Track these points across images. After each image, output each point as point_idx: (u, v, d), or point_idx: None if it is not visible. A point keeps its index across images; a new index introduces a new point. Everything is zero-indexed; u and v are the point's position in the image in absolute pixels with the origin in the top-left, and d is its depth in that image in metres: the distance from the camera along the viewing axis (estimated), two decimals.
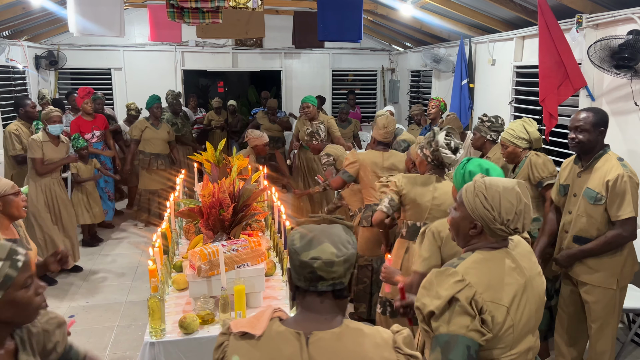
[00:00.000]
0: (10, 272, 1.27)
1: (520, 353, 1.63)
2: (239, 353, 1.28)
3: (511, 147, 3.37)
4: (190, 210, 2.90)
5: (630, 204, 2.67)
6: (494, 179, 1.67)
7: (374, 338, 1.29)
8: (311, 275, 1.28)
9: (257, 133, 4.68)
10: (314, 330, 1.27)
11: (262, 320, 1.32)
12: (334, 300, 1.32)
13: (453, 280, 1.56)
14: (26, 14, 6.12)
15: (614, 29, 3.95)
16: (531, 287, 1.65)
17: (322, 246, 1.29)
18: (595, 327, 2.88)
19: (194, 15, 3.63)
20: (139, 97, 6.76)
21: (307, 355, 1.25)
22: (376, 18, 7.57)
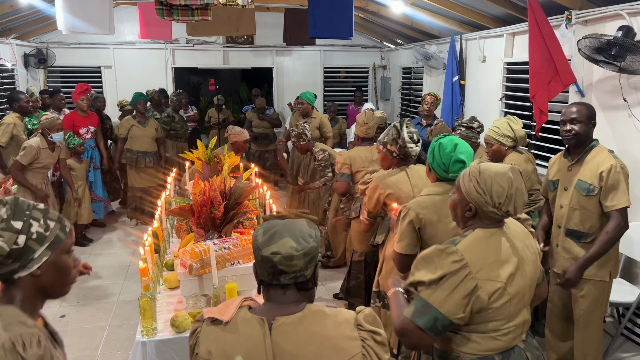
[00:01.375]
0: (60, 234, 1.30)
1: (517, 325, 1.76)
2: (209, 338, 1.35)
3: (496, 145, 3.40)
4: (181, 209, 2.89)
5: (625, 193, 2.71)
6: (488, 164, 1.76)
7: (335, 318, 1.34)
8: (272, 270, 1.33)
9: (237, 129, 4.64)
10: (277, 315, 1.33)
11: (231, 307, 1.38)
12: (298, 292, 1.37)
13: (451, 260, 1.65)
14: (14, 12, 6.06)
15: (602, 25, 3.98)
16: (526, 265, 1.76)
17: (282, 240, 1.33)
18: (582, 321, 2.91)
19: (183, 13, 3.61)
20: (130, 96, 6.72)
21: (270, 340, 1.30)
22: (367, 15, 7.57)
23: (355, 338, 1.32)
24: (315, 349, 1.29)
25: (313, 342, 1.30)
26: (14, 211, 1.24)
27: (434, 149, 2.33)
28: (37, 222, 1.26)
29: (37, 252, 1.25)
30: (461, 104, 6.19)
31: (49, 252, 1.27)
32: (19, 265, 1.24)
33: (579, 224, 2.85)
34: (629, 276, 3.82)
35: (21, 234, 1.22)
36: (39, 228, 1.25)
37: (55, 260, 1.29)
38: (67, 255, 1.33)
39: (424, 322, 1.63)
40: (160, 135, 6.41)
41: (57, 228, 1.30)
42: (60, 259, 1.30)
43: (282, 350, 1.29)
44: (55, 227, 1.29)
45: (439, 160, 2.31)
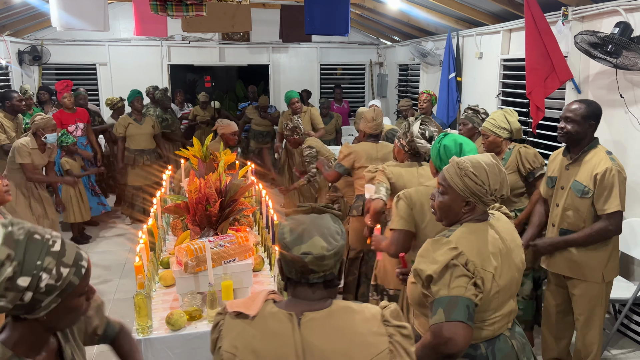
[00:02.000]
0: (74, 280, 1.19)
1: (504, 315, 1.81)
2: (234, 332, 1.33)
3: (492, 137, 3.38)
4: (177, 206, 2.88)
5: (617, 198, 2.67)
6: (472, 158, 1.82)
7: (363, 314, 1.35)
8: (303, 269, 1.32)
9: (225, 122, 4.63)
10: (306, 311, 1.32)
11: (256, 301, 1.36)
12: (325, 289, 1.37)
13: (447, 248, 1.71)
14: (8, 9, 6.01)
15: (599, 22, 3.97)
16: (512, 256, 1.82)
17: (312, 240, 1.32)
18: (581, 320, 2.90)
19: (177, 8, 3.58)
20: (125, 93, 6.67)
21: (300, 335, 1.29)
22: (363, 12, 7.55)
23: (383, 334, 1.33)
24: (345, 345, 1.29)
25: (342, 338, 1.30)
26: (22, 265, 1.12)
27: (439, 152, 2.32)
28: (48, 275, 1.14)
29: (45, 302, 1.16)
30: (458, 100, 6.18)
31: (58, 299, 1.18)
32: (25, 311, 1.16)
33: (573, 224, 2.83)
34: (625, 273, 3.83)
35: (27, 291, 1.12)
36: (49, 280, 1.14)
37: (65, 304, 1.20)
38: (79, 297, 1.23)
39: (462, 315, 1.64)
40: (157, 131, 6.37)
41: (72, 273, 1.19)
42: (71, 303, 1.21)
43: (312, 345, 1.29)
44: (69, 274, 1.18)
45: (446, 162, 2.23)
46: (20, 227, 1.16)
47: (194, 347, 2.28)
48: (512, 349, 1.84)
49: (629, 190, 3.65)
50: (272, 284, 2.72)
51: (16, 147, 4.53)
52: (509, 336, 1.85)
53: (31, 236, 1.16)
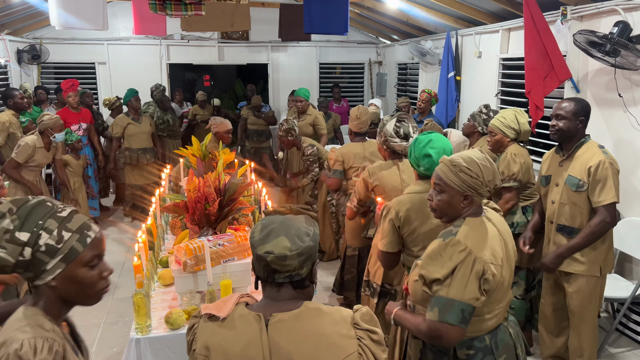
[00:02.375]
0: (77, 246, 1.23)
1: (503, 306, 1.89)
2: (206, 334, 1.35)
3: (499, 136, 3.35)
4: (176, 205, 2.88)
5: (613, 189, 2.71)
6: (463, 155, 1.88)
7: (332, 316, 1.35)
8: (266, 268, 1.34)
9: (219, 119, 4.62)
10: (274, 312, 1.33)
11: (228, 303, 1.38)
12: (294, 290, 1.37)
13: (458, 250, 1.74)
14: (6, 8, 6.01)
15: (598, 21, 3.97)
16: (508, 247, 1.89)
17: (277, 240, 1.33)
18: (576, 316, 2.91)
19: (176, 7, 3.58)
20: (124, 92, 6.65)
21: (267, 337, 1.30)
22: (363, 11, 7.55)
23: (352, 337, 1.33)
24: (312, 346, 1.29)
25: (309, 340, 1.30)
26: (24, 222, 1.19)
27: (412, 145, 2.41)
28: (49, 234, 1.20)
29: (49, 265, 1.20)
30: (457, 99, 6.19)
31: (62, 264, 1.21)
32: (33, 274, 1.21)
33: (569, 219, 2.86)
34: (623, 271, 3.84)
35: (27, 247, 1.18)
36: (49, 240, 1.20)
37: (71, 273, 1.23)
38: (85, 268, 1.25)
39: (454, 318, 1.71)
40: (154, 130, 6.38)
41: (74, 239, 1.23)
42: (76, 272, 1.24)
43: (279, 346, 1.29)
44: (72, 239, 1.22)
45: (413, 156, 2.39)
46: (40, 197, 1.25)
47: None
48: (510, 337, 1.93)
49: (628, 189, 3.67)
50: None
51: (21, 143, 4.55)
52: (507, 325, 1.94)
53: (42, 202, 1.23)
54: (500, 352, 1.88)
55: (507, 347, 1.90)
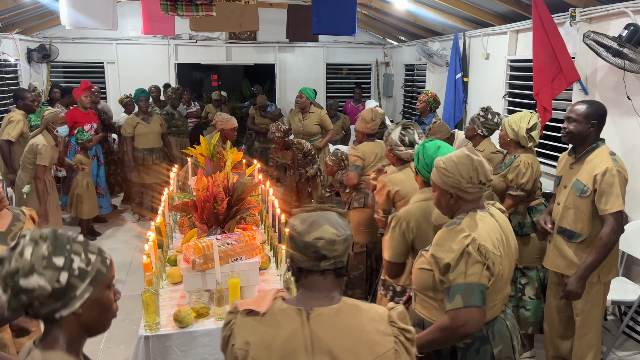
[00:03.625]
0: (102, 268, 1.23)
1: (501, 299, 1.99)
2: (246, 329, 1.38)
3: (502, 132, 3.41)
4: (185, 204, 2.90)
5: (619, 198, 2.66)
6: (446, 156, 2.00)
7: (370, 313, 1.40)
8: (315, 255, 1.39)
9: (225, 116, 4.60)
10: (315, 306, 1.37)
11: (266, 298, 1.42)
12: (335, 278, 1.43)
13: (462, 236, 1.84)
14: (17, 7, 6.06)
15: (607, 23, 3.96)
16: (510, 243, 1.98)
17: (322, 227, 1.40)
18: (579, 319, 2.90)
19: (187, 8, 3.60)
20: (132, 91, 6.71)
21: (308, 330, 1.34)
22: (370, 11, 7.55)
23: (389, 334, 1.37)
24: (352, 341, 1.33)
25: (350, 335, 1.34)
26: (55, 246, 1.16)
27: (419, 152, 2.42)
28: (79, 257, 1.18)
29: (79, 289, 1.17)
30: (464, 101, 6.18)
31: (90, 288, 1.20)
32: (61, 304, 1.16)
33: (572, 223, 2.84)
34: (631, 275, 3.82)
35: (63, 271, 1.14)
36: (80, 263, 1.18)
37: (97, 296, 1.22)
38: (108, 290, 1.26)
39: (478, 300, 1.79)
40: (165, 130, 6.41)
41: (99, 261, 1.23)
42: (102, 294, 1.23)
43: (320, 339, 1.33)
44: (97, 261, 1.22)
45: (423, 163, 2.39)
46: (44, 229, 1.20)
47: (201, 344, 2.31)
48: (507, 329, 2.01)
49: (637, 193, 3.66)
50: (279, 282, 2.74)
51: (37, 148, 4.53)
52: (504, 318, 2.03)
53: (55, 231, 1.20)
54: (496, 343, 1.96)
55: (503, 337, 1.98)
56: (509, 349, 2.00)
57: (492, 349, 1.95)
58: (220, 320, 2.36)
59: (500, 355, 1.97)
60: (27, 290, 1.12)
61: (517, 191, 3.25)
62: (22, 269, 1.12)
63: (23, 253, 1.13)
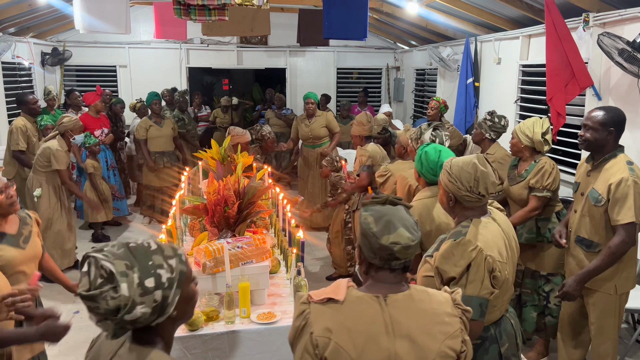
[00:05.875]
0: (182, 268, 1.27)
1: (506, 299, 2.06)
2: (324, 316, 1.43)
3: (515, 139, 3.38)
4: (195, 208, 2.91)
5: (632, 209, 2.59)
6: (456, 159, 2.06)
7: (437, 297, 1.51)
8: (389, 257, 1.45)
9: (239, 130, 4.62)
10: (388, 293, 1.46)
11: (341, 288, 1.48)
12: (403, 273, 1.51)
13: (469, 249, 1.87)
14: (32, 11, 6.14)
15: (621, 28, 3.93)
16: (512, 244, 2.05)
17: (398, 231, 1.45)
18: (594, 329, 2.85)
19: (200, 13, 3.62)
20: (144, 95, 6.77)
21: (388, 314, 1.42)
22: (381, 16, 7.56)
23: (455, 315, 1.49)
24: (427, 323, 1.44)
25: (424, 317, 1.44)
26: (142, 270, 1.19)
27: (421, 157, 2.57)
28: (163, 270, 1.22)
29: (171, 297, 1.22)
30: (475, 106, 6.15)
31: (179, 290, 1.24)
32: (159, 314, 1.22)
33: (589, 232, 2.78)
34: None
35: (157, 290, 1.19)
36: (167, 274, 1.22)
37: (185, 294, 1.27)
38: (191, 284, 1.30)
39: (475, 313, 1.82)
40: (177, 134, 6.45)
41: (179, 263, 1.26)
42: (188, 290, 1.28)
43: (399, 322, 1.42)
44: (177, 264, 1.25)
45: (427, 167, 2.55)
46: (112, 245, 1.23)
47: (211, 347, 2.31)
48: (512, 327, 2.11)
49: None
50: (289, 286, 2.73)
51: (52, 153, 4.59)
52: (509, 317, 2.12)
53: (127, 245, 1.22)
54: (503, 341, 2.04)
55: (509, 336, 2.08)
56: (513, 346, 2.10)
57: (499, 347, 2.03)
58: (230, 323, 2.36)
59: (507, 353, 2.05)
60: (132, 321, 1.18)
61: (544, 192, 3.22)
62: (123, 306, 1.15)
63: (118, 290, 1.15)
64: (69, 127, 4.74)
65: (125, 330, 1.22)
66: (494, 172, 2.04)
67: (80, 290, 1.18)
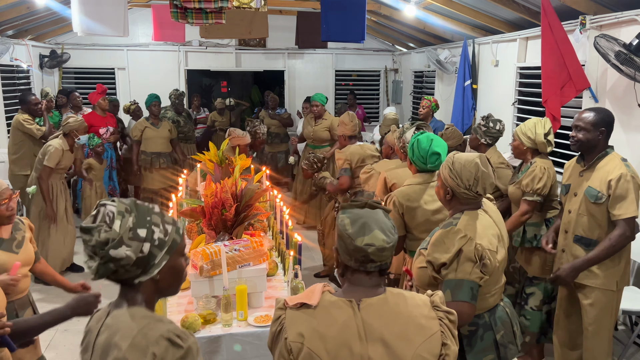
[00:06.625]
0: (176, 237, 1.33)
1: (500, 287, 2.14)
2: (298, 322, 1.43)
3: (517, 142, 3.38)
4: (193, 210, 2.91)
5: (634, 203, 2.66)
6: (461, 154, 2.10)
7: (414, 300, 1.49)
8: (363, 259, 1.44)
9: (239, 132, 4.62)
10: (363, 297, 1.45)
11: (315, 293, 1.48)
12: (379, 276, 1.50)
13: (459, 237, 1.95)
14: (30, 14, 6.14)
15: (617, 31, 3.94)
16: (502, 234, 2.11)
17: (373, 233, 1.44)
18: (591, 330, 2.86)
19: (197, 16, 3.63)
20: (143, 97, 6.77)
21: (361, 319, 1.41)
22: (379, 18, 7.57)
23: (434, 318, 1.46)
24: (401, 327, 1.42)
25: (398, 320, 1.42)
26: (138, 218, 1.26)
27: (413, 145, 2.68)
28: (158, 228, 1.28)
29: (158, 258, 1.28)
30: (473, 108, 6.16)
31: (167, 256, 1.30)
32: (142, 271, 1.27)
33: (587, 230, 2.81)
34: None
35: (146, 242, 1.26)
36: (159, 234, 1.28)
37: (172, 263, 1.32)
38: (182, 258, 1.36)
39: (466, 295, 1.91)
40: (174, 136, 6.45)
41: (174, 231, 1.33)
42: (176, 262, 1.34)
43: (372, 327, 1.40)
44: (172, 231, 1.32)
45: (417, 154, 2.67)
46: (124, 199, 1.31)
47: (208, 350, 2.31)
48: (507, 315, 2.16)
49: None
50: (286, 288, 2.73)
51: (48, 148, 4.62)
52: (503, 305, 2.18)
53: (135, 201, 1.31)
54: (498, 328, 2.10)
55: (504, 323, 2.13)
56: (510, 334, 2.14)
57: (494, 334, 2.08)
58: (227, 326, 2.36)
59: (502, 341, 2.10)
60: (116, 259, 1.23)
61: (534, 196, 3.21)
62: (112, 240, 1.23)
63: (112, 225, 1.24)
64: (74, 127, 4.75)
65: (108, 271, 1.26)
66: (494, 174, 2.08)
67: (82, 224, 1.26)
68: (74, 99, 6.66)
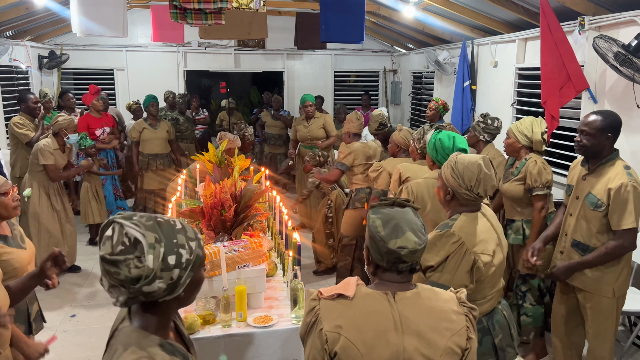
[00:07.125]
0: (199, 252, 1.27)
1: (497, 291, 2.15)
2: (335, 312, 1.46)
3: (512, 139, 3.42)
4: (192, 211, 2.91)
5: (632, 215, 2.61)
6: (463, 155, 2.11)
7: (443, 295, 1.54)
8: (396, 260, 1.48)
9: (230, 136, 4.64)
10: (397, 291, 1.50)
11: (351, 285, 1.52)
12: (409, 275, 1.55)
13: (451, 242, 1.97)
14: (29, 14, 6.13)
15: (616, 31, 3.95)
16: (501, 238, 2.12)
17: (406, 235, 1.48)
18: (592, 332, 2.86)
19: (196, 17, 3.63)
20: (142, 98, 6.76)
21: (397, 310, 1.46)
22: (378, 19, 7.58)
23: (461, 313, 1.52)
24: (434, 320, 1.47)
25: (431, 314, 1.48)
26: (167, 246, 1.18)
27: (435, 144, 2.65)
28: (184, 250, 1.22)
29: (184, 278, 1.22)
30: (472, 109, 6.17)
31: (192, 273, 1.24)
32: (169, 293, 1.21)
33: (585, 236, 2.80)
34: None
35: (175, 269, 1.19)
36: (186, 255, 1.22)
37: (195, 278, 1.27)
38: (202, 269, 1.30)
39: None
40: (172, 137, 6.45)
41: (198, 246, 1.26)
42: (199, 275, 1.29)
43: (408, 319, 1.45)
44: (196, 247, 1.25)
45: (442, 153, 2.63)
46: (141, 215, 1.22)
47: (207, 351, 2.31)
48: (505, 318, 2.17)
49: None
50: (285, 289, 2.73)
51: (39, 148, 4.62)
52: (501, 308, 2.19)
53: (157, 219, 1.22)
54: (497, 332, 2.11)
55: (502, 327, 2.14)
56: (508, 337, 2.15)
57: (493, 339, 2.09)
58: (227, 326, 2.36)
59: (501, 344, 2.11)
60: (148, 293, 1.17)
61: (544, 190, 3.27)
62: (144, 277, 1.15)
63: (143, 260, 1.15)
64: (63, 126, 4.73)
65: (135, 301, 1.20)
66: (496, 177, 2.10)
67: (103, 253, 1.16)
68: (67, 100, 6.59)
